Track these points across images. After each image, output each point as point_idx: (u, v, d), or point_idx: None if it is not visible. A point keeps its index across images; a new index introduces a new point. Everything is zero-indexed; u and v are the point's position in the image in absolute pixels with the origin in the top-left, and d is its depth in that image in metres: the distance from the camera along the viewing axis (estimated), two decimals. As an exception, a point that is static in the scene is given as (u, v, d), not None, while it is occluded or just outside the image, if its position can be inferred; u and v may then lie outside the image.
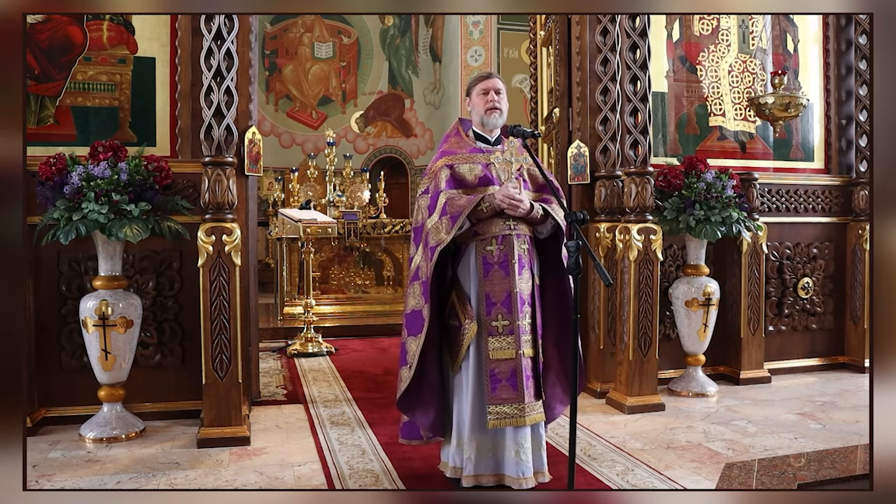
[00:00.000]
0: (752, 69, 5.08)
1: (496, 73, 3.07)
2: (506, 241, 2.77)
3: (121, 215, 3.36)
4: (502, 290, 2.76)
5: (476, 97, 2.91)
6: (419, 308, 2.73)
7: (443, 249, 2.70)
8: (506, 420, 2.71)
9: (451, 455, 2.86)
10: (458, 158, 2.85)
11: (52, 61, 3.80)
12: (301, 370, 5.30)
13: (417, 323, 2.73)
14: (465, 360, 2.76)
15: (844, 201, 5.27)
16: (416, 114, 13.02)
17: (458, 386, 2.82)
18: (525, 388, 2.72)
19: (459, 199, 2.73)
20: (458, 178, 2.82)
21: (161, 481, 2.97)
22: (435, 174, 2.84)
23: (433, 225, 2.73)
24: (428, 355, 2.76)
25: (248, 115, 3.93)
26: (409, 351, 2.76)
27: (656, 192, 4.25)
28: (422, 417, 2.85)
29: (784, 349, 5.13)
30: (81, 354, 3.69)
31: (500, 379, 2.73)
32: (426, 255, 2.74)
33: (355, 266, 7.82)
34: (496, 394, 2.72)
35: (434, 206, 2.76)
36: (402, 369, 2.81)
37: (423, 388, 2.80)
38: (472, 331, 2.74)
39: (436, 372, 2.83)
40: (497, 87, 2.90)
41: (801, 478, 2.92)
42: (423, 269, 2.75)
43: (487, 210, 2.73)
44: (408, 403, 2.83)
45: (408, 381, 2.75)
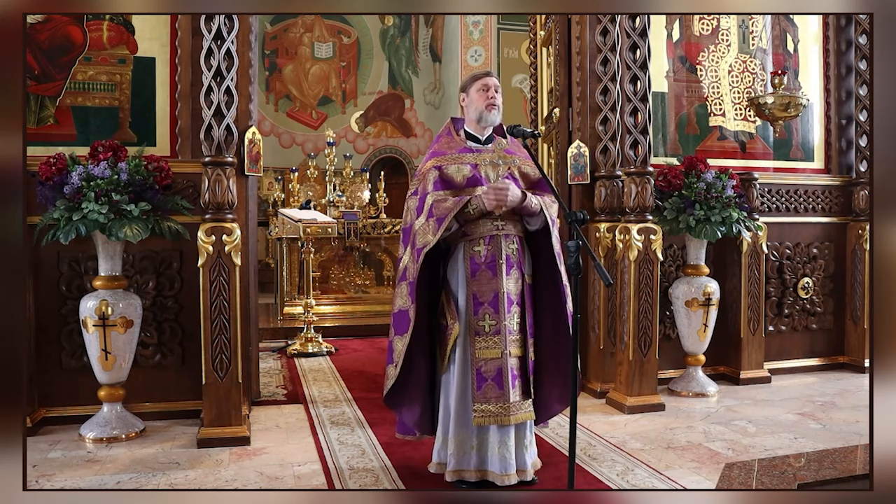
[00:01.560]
0: (752, 69, 5.08)
1: (493, 72, 3.09)
2: (493, 242, 2.80)
3: (121, 215, 3.36)
4: (489, 291, 2.79)
5: (475, 93, 2.93)
6: (405, 308, 2.78)
7: (434, 249, 2.74)
8: (490, 418, 2.75)
9: (436, 451, 2.92)
10: (446, 159, 2.87)
11: (52, 61, 3.80)
12: (301, 370, 5.30)
13: (403, 322, 2.78)
14: (451, 358, 2.81)
15: (844, 201, 5.27)
16: (416, 114, 13.02)
17: (445, 384, 2.86)
18: (511, 387, 2.75)
19: (446, 201, 2.74)
20: (447, 180, 2.83)
21: (161, 481, 2.97)
22: (424, 175, 2.87)
23: (420, 227, 2.76)
24: (415, 354, 2.81)
25: (248, 115, 3.93)
26: (396, 350, 2.82)
27: (656, 192, 4.25)
28: (407, 413, 2.92)
29: (784, 349, 5.13)
30: (81, 354, 3.69)
31: (485, 378, 2.77)
32: (413, 256, 2.77)
33: (355, 266, 7.82)
34: (482, 392, 2.76)
35: (422, 208, 2.79)
36: (388, 367, 2.87)
37: (409, 385, 2.87)
38: (457, 331, 2.78)
39: (423, 370, 2.88)
40: (496, 85, 2.94)
41: (801, 478, 2.92)
42: (410, 270, 2.78)
43: (475, 211, 2.75)
44: (394, 400, 2.90)
45: (394, 378, 2.81)
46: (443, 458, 2.88)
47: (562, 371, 2.88)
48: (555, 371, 2.90)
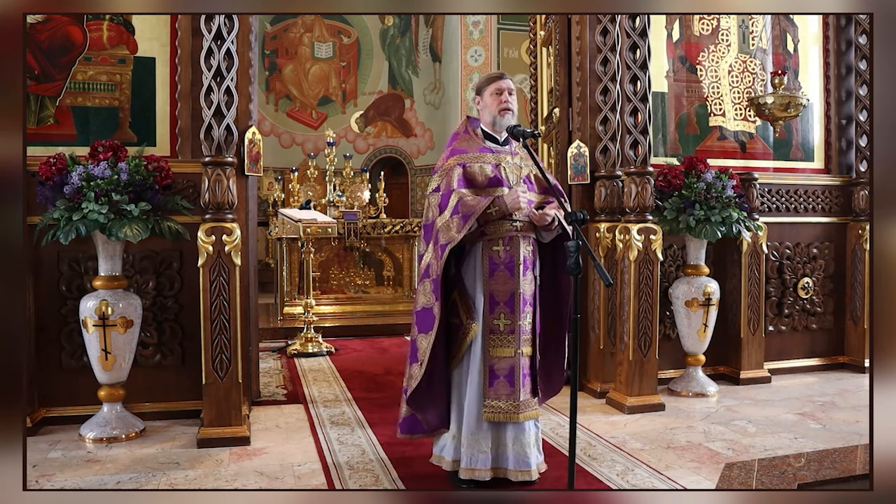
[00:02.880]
0: (752, 69, 5.08)
1: (507, 74, 3.08)
2: (512, 243, 2.81)
3: (121, 215, 3.36)
4: (506, 291, 2.80)
5: (489, 97, 2.92)
6: (430, 305, 2.75)
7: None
8: (500, 414, 2.77)
9: (446, 448, 2.89)
10: (468, 158, 2.87)
11: (52, 61, 3.80)
12: (301, 370, 5.30)
13: (428, 320, 2.75)
14: (465, 356, 2.81)
15: (844, 201, 5.27)
16: (416, 114, 13.01)
17: (456, 381, 2.86)
18: (521, 385, 2.78)
19: (471, 199, 2.74)
20: (469, 178, 2.83)
21: (161, 481, 2.97)
22: (447, 172, 2.84)
23: (443, 223, 2.74)
24: (437, 352, 2.79)
25: (248, 115, 3.93)
26: (420, 348, 2.77)
27: (656, 192, 4.25)
28: (432, 412, 2.87)
29: (784, 349, 5.13)
30: (81, 354, 3.69)
31: (498, 375, 2.79)
32: (436, 252, 2.75)
33: (355, 266, 7.82)
34: (493, 389, 2.78)
35: (446, 204, 2.77)
36: (412, 366, 2.82)
37: (433, 383, 2.82)
38: (475, 330, 2.78)
39: (442, 367, 2.86)
40: (511, 88, 2.93)
41: (801, 478, 2.92)
42: (433, 267, 2.76)
43: (496, 213, 2.75)
44: (418, 400, 2.82)
45: (419, 377, 2.76)
46: (449, 454, 2.86)
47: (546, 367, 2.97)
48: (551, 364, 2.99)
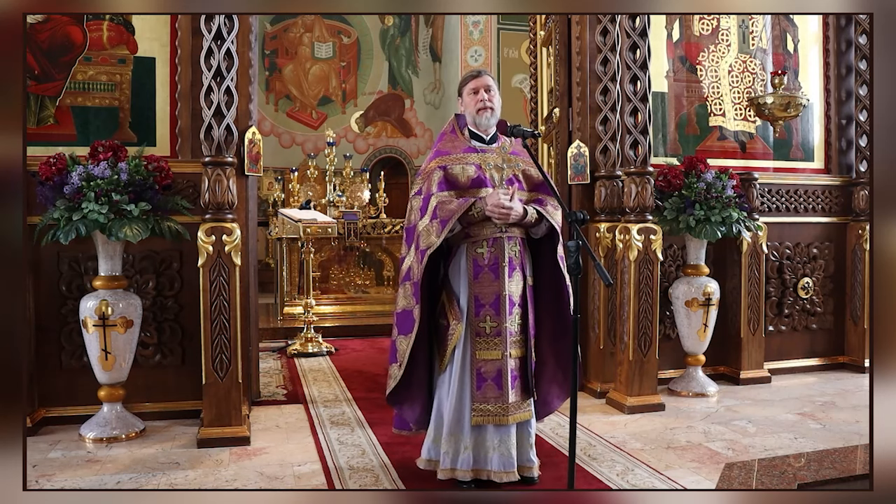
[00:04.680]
0: (752, 69, 5.08)
1: (486, 70, 3.03)
2: (496, 244, 2.79)
3: (121, 215, 3.36)
4: (491, 293, 2.79)
5: (466, 97, 2.90)
6: (410, 308, 2.76)
7: (436, 249, 2.72)
8: (488, 417, 2.77)
9: (426, 448, 2.91)
10: (451, 159, 2.84)
11: (52, 61, 3.80)
12: (301, 370, 5.30)
13: (408, 323, 2.77)
14: (451, 358, 2.80)
15: (844, 201, 5.27)
16: (416, 114, 13.01)
17: (441, 383, 2.85)
18: (509, 388, 2.77)
19: (451, 203, 2.72)
20: (451, 180, 2.81)
21: (161, 481, 2.97)
22: (428, 175, 2.83)
23: (424, 227, 2.74)
24: (417, 353, 2.81)
25: (248, 115, 3.93)
26: (399, 349, 2.81)
27: (656, 192, 4.25)
28: (409, 411, 2.93)
29: (784, 349, 5.13)
30: (81, 354, 3.69)
31: (485, 378, 2.78)
32: (417, 257, 2.76)
33: (355, 266, 7.82)
34: (481, 392, 2.77)
35: (426, 209, 2.77)
36: (392, 366, 2.86)
37: (412, 384, 2.86)
38: (459, 332, 2.78)
39: (424, 369, 2.88)
40: (487, 85, 2.87)
41: (801, 478, 2.91)
42: (414, 271, 2.78)
43: (478, 215, 2.73)
44: (397, 398, 2.90)
45: (397, 378, 2.81)
46: (433, 456, 2.88)
47: (562, 369, 2.92)
48: (556, 369, 2.94)
